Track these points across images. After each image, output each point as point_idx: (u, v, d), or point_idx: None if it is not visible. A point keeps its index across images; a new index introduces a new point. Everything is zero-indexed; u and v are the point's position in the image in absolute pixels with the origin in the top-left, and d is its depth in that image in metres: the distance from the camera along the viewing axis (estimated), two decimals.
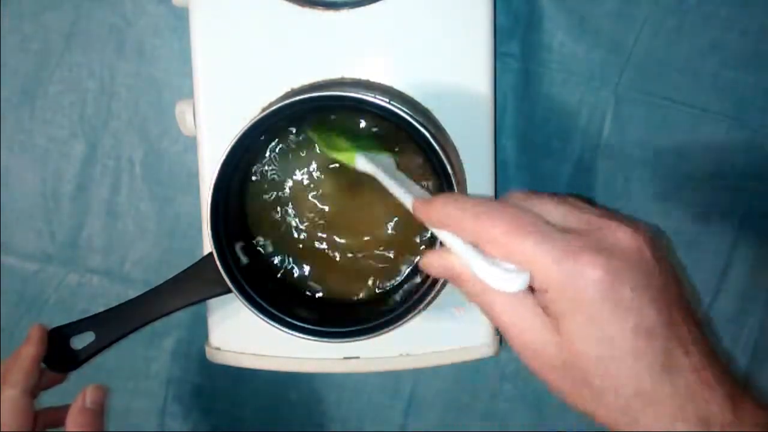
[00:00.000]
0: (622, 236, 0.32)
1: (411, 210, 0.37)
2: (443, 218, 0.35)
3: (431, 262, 0.36)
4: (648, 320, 0.31)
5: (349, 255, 0.50)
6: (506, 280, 0.32)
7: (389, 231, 0.50)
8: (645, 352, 0.31)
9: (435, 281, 0.45)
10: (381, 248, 0.50)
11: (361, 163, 0.44)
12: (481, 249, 0.33)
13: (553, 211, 0.34)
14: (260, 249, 0.50)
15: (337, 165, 0.49)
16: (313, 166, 0.50)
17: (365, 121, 0.49)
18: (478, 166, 0.49)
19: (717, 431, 0.30)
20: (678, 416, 0.30)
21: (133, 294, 0.49)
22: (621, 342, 0.31)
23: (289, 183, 0.50)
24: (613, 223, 0.33)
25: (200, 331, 0.54)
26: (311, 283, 0.51)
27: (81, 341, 0.48)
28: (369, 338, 0.46)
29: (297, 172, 0.50)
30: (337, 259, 0.50)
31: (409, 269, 0.50)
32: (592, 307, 0.31)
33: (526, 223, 0.32)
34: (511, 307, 0.33)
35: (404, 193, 0.39)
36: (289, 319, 0.47)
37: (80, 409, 0.45)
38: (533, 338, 0.33)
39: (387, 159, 0.45)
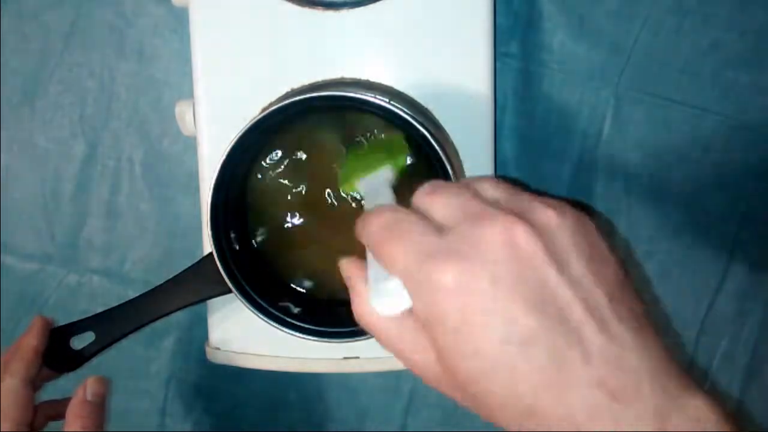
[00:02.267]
0: (489, 230, 0.27)
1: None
2: (358, 234, 0.32)
3: (342, 266, 0.34)
4: (524, 325, 0.26)
5: (352, 253, 0.50)
6: (381, 300, 0.30)
7: None
8: (522, 359, 0.26)
9: None
10: None
11: (361, 187, 0.43)
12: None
13: (442, 207, 0.30)
14: (260, 248, 0.51)
15: (336, 165, 0.49)
16: (316, 165, 0.50)
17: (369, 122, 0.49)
18: (478, 166, 0.49)
19: None
20: (594, 418, 0.25)
21: (133, 294, 0.49)
22: (492, 352, 0.26)
23: (290, 183, 0.50)
24: (489, 214, 0.28)
25: (200, 331, 0.54)
26: (311, 283, 0.51)
27: (81, 341, 0.48)
28: (369, 338, 0.46)
29: (299, 171, 0.50)
30: (338, 258, 0.50)
31: None
32: (447, 318, 0.27)
33: (392, 226, 0.30)
34: (394, 329, 0.30)
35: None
36: (289, 320, 0.47)
37: (81, 401, 0.44)
38: (420, 360, 0.30)
39: (386, 174, 0.44)
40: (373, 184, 0.42)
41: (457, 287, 0.27)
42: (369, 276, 0.31)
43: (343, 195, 0.49)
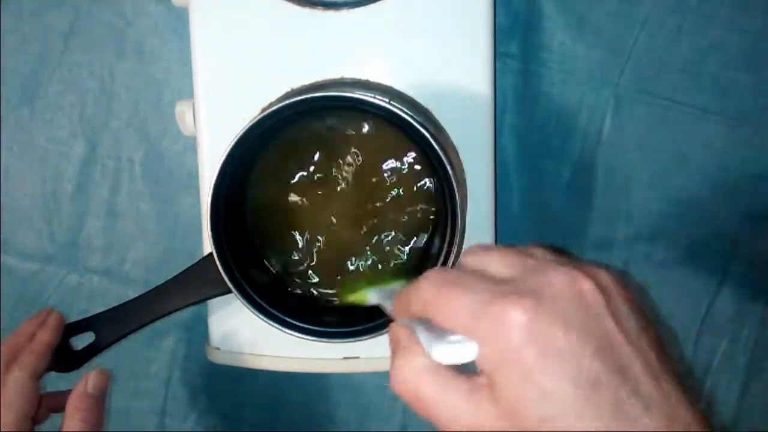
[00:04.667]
0: (556, 277, 0.28)
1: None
2: (399, 313, 0.33)
3: (390, 330, 0.33)
4: (587, 366, 0.26)
5: (351, 254, 0.51)
6: (444, 350, 0.29)
7: (393, 230, 0.50)
8: (589, 405, 0.26)
9: None
10: (384, 248, 0.50)
11: (372, 297, 0.42)
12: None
13: (499, 261, 0.31)
14: (260, 248, 0.51)
15: (338, 164, 0.49)
16: (315, 165, 0.50)
17: (368, 124, 0.49)
18: (478, 166, 0.49)
19: None
20: None
21: (133, 294, 0.49)
22: (561, 395, 0.26)
23: (291, 182, 0.50)
24: (552, 265, 0.29)
25: (200, 331, 0.54)
26: (311, 282, 0.51)
27: (81, 341, 0.48)
28: (369, 338, 0.46)
29: (298, 171, 0.50)
30: (338, 257, 0.50)
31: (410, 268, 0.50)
32: (520, 357, 0.27)
33: (448, 281, 0.30)
34: (440, 390, 0.29)
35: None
36: (289, 320, 0.47)
37: (81, 393, 0.44)
38: (470, 421, 0.28)
39: (398, 287, 0.44)
40: (386, 292, 0.41)
41: (530, 325, 0.27)
42: (420, 338, 0.30)
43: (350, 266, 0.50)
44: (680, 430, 0.27)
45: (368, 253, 0.50)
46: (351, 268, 0.50)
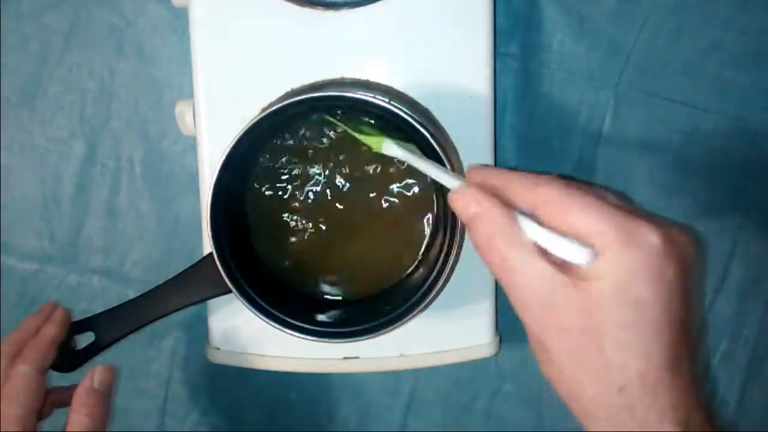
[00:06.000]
0: (673, 226, 0.32)
1: (452, 189, 0.36)
2: (499, 187, 0.34)
3: (463, 199, 0.34)
4: (675, 307, 0.31)
5: (351, 253, 0.51)
6: (579, 251, 0.31)
7: (393, 230, 0.50)
8: (662, 335, 0.30)
9: (435, 281, 0.45)
10: (384, 247, 0.50)
11: (390, 148, 0.42)
12: (538, 218, 0.32)
13: (615, 198, 0.34)
14: (259, 249, 0.51)
15: (337, 164, 0.49)
16: (314, 165, 0.50)
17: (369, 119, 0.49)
18: None
19: None
20: (667, 414, 0.30)
21: (133, 294, 0.49)
22: (648, 315, 0.30)
23: (291, 182, 0.50)
24: (661, 217, 0.33)
25: (200, 331, 0.54)
26: (311, 282, 0.51)
27: (81, 341, 0.48)
28: (369, 338, 0.46)
29: (298, 171, 0.50)
30: (338, 257, 0.50)
31: (411, 268, 0.50)
32: (638, 268, 0.30)
33: (578, 187, 0.32)
34: (530, 262, 0.32)
35: (443, 173, 0.38)
36: (289, 319, 0.47)
37: (87, 389, 0.44)
38: (550, 294, 0.31)
39: (412, 147, 0.43)
40: (410, 150, 0.42)
41: (658, 252, 0.30)
42: (523, 224, 0.32)
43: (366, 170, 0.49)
44: (696, 385, 0.31)
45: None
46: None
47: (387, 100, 0.43)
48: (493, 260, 0.33)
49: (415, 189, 0.50)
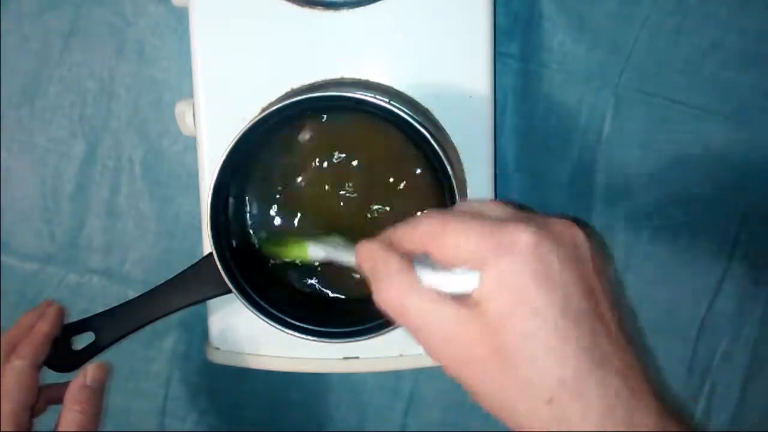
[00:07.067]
0: (554, 223, 0.31)
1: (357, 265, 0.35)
2: (396, 241, 0.34)
3: (359, 256, 0.34)
4: (575, 301, 0.29)
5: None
6: (466, 279, 0.30)
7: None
8: (571, 335, 0.29)
9: None
10: None
11: (313, 251, 0.44)
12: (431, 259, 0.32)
13: (496, 208, 0.33)
14: (259, 248, 0.50)
15: (337, 164, 0.49)
16: (315, 165, 0.50)
17: (362, 121, 0.49)
18: (478, 166, 0.49)
19: None
20: (607, 417, 0.28)
21: (133, 294, 0.49)
22: (548, 318, 0.29)
23: (291, 182, 0.50)
24: (546, 215, 0.32)
25: (200, 331, 0.54)
26: (311, 282, 0.51)
27: (81, 341, 0.48)
28: (369, 338, 0.46)
29: (298, 171, 0.50)
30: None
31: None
32: (521, 275, 0.29)
33: (453, 216, 0.32)
34: (427, 302, 0.31)
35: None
36: (289, 320, 0.47)
37: (80, 386, 0.44)
38: (451, 331, 0.31)
39: (337, 239, 0.44)
40: (334, 244, 0.43)
41: (535, 249, 0.29)
42: (417, 269, 0.32)
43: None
44: (645, 375, 0.30)
45: None
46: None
47: (387, 100, 0.43)
48: (394, 310, 0.32)
49: (418, 190, 0.50)
